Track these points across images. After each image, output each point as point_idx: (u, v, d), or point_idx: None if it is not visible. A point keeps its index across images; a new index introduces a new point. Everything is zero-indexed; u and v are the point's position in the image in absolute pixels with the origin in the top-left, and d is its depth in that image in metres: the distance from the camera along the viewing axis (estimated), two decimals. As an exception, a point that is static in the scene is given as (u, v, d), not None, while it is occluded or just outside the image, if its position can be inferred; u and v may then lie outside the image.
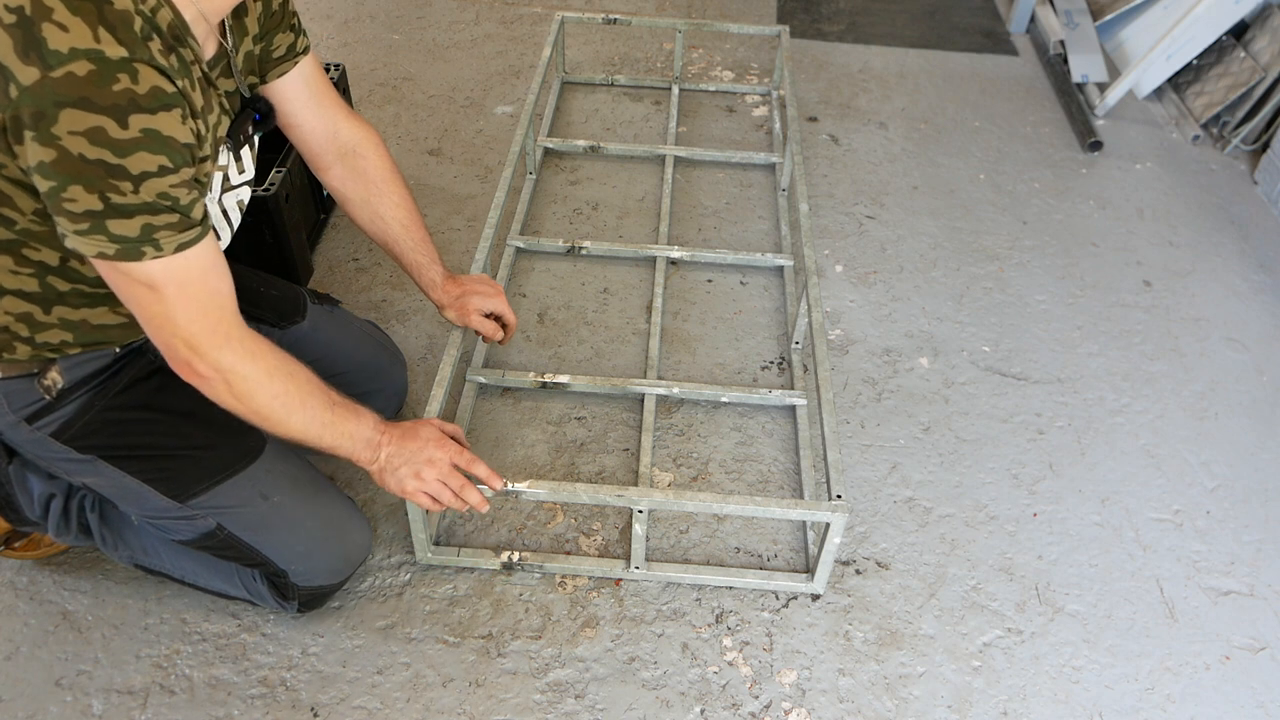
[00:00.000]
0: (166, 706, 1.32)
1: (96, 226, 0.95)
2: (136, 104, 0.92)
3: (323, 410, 1.19)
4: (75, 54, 0.88)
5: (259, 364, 1.12)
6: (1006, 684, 1.42)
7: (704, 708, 1.36)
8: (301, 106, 1.36)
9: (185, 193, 0.99)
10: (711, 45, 2.98)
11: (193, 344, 1.06)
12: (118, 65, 0.90)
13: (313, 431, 1.18)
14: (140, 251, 0.98)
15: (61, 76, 0.88)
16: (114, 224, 0.95)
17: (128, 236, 0.96)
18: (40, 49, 0.88)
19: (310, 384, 1.18)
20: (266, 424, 1.16)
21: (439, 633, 1.42)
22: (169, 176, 0.96)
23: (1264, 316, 2.12)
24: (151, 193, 0.95)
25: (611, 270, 2.10)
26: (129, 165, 0.93)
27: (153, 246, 0.98)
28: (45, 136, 0.89)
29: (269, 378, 1.12)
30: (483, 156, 2.42)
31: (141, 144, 0.93)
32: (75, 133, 0.89)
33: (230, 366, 1.09)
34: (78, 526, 1.37)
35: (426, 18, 3.03)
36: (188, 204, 1.00)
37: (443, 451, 1.30)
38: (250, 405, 1.13)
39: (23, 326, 1.12)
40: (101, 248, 0.96)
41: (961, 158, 2.55)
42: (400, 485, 1.28)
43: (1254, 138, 2.60)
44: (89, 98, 0.89)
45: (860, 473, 1.71)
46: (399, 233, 1.49)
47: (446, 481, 1.30)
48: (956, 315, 2.06)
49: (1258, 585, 1.58)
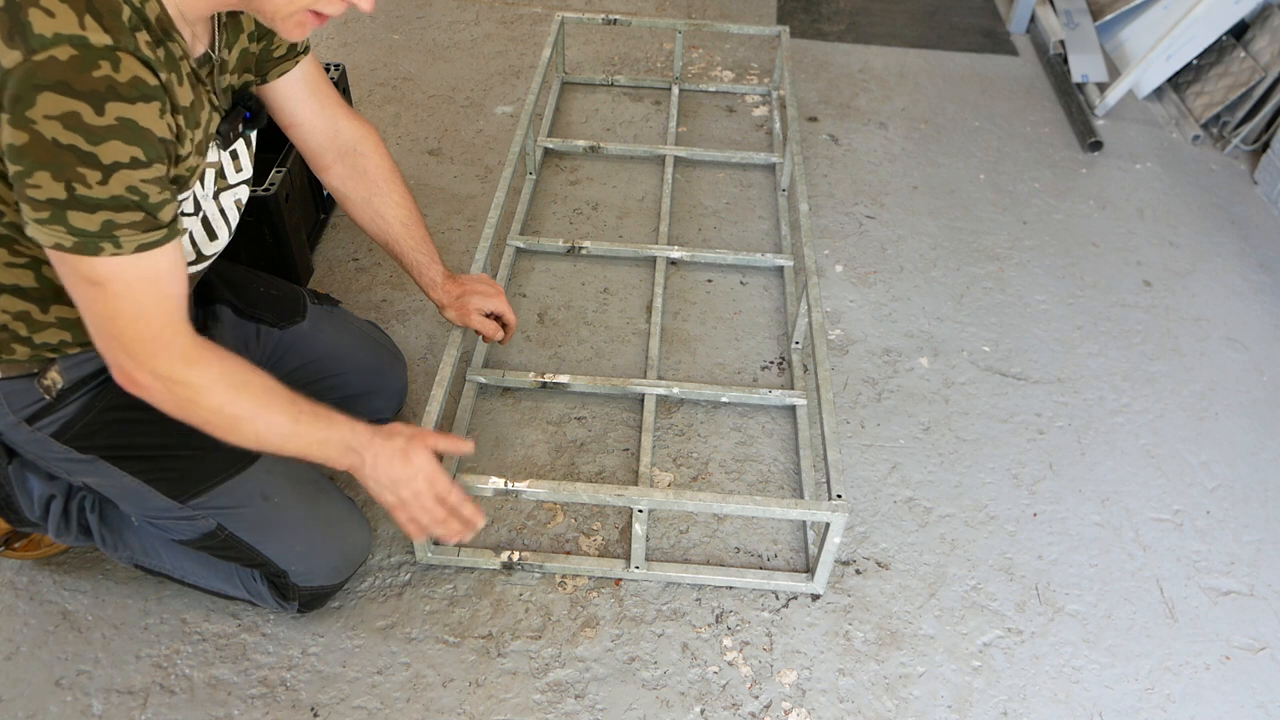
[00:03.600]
0: (166, 706, 1.32)
1: (56, 216, 0.93)
2: (115, 91, 0.90)
3: (282, 418, 1.12)
4: (59, 39, 0.88)
5: (201, 372, 1.07)
6: (1006, 684, 1.42)
7: (704, 708, 1.36)
8: (302, 105, 1.36)
9: (156, 191, 0.97)
10: (711, 45, 2.98)
11: (130, 349, 1.03)
12: (100, 52, 0.89)
13: (271, 440, 1.13)
14: (98, 247, 0.95)
15: (43, 60, 0.87)
16: (75, 216, 0.93)
17: (87, 230, 0.94)
18: (25, 33, 0.87)
19: (268, 392, 1.12)
20: (216, 432, 1.11)
21: (439, 633, 1.42)
22: (140, 170, 0.95)
23: (1264, 316, 2.12)
24: (120, 185, 0.93)
25: (611, 270, 2.10)
26: (100, 154, 0.91)
27: (112, 243, 0.96)
28: (19, 119, 0.88)
29: (212, 385, 1.08)
30: (483, 156, 2.42)
31: (116, 132, 0.91)
32: (50, 117, 0.88)
33: (168, 374, 1.05)
34: (78, 527, 1.37)
35: (426, 18, 3.03)
36: (156, 203, 0.98)
37: (430, 487, 1.23)
38: (192, 413, 1.08)
39: (21, 325, 1.11)
40: (59, 239, 0.94)
41: (961, 158, 2.56)
42: (382, 501, 1.23)
43: (1254, 138, 2.60)
44: (68, 82, 0.88)
45: (860, 473, 1.71)
46: (399, 232, 1.49)
47: (427, 516, 1.24)
48: (956, 315, 2.06)
49: (1258, 585, 1.58)
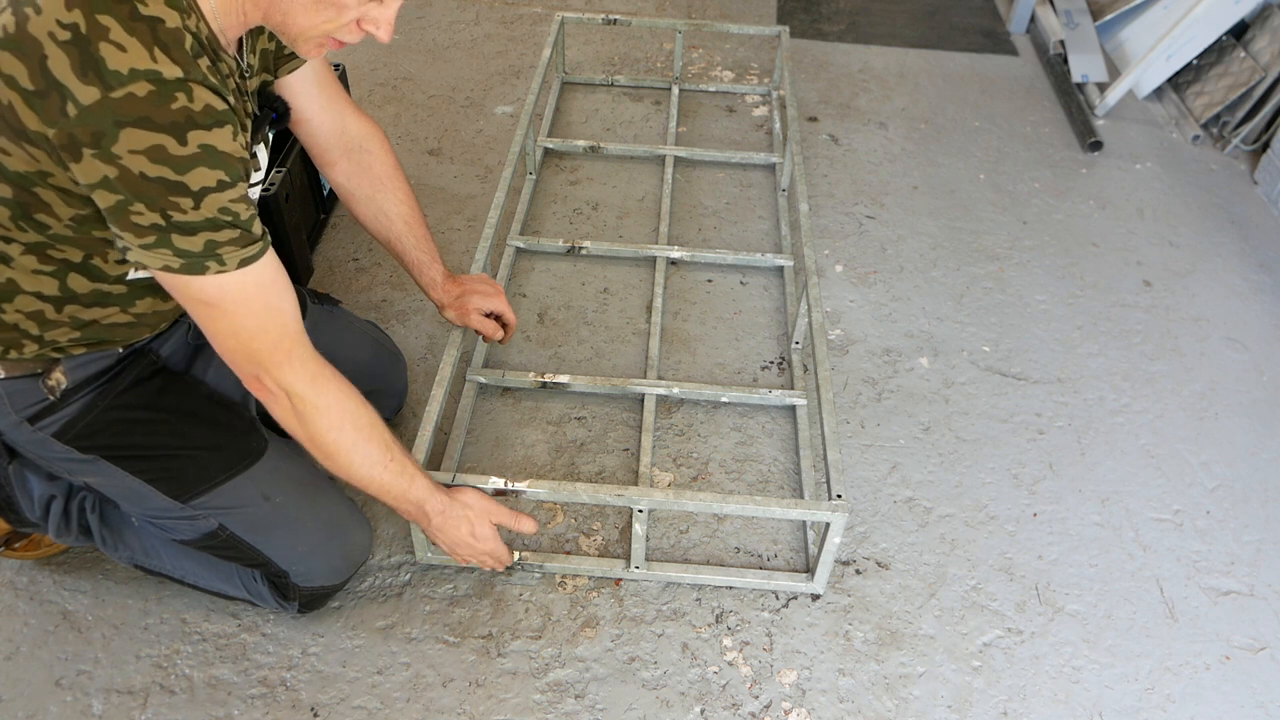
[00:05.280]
0: (166, 706, 1.32)
1: (162, 240, 0.96)
2: (194, 121, 0.93)
3: (376, 461, 1.19)
4: (135, 75, 0.90)
5: (322, 388, 1.12)
6: (1006, 684, 1.42)
7: (704, 708, 1.36)
8: (311, 102, 1.37)
9: (244, 208, 1.01)
10: (711, 45, 2.98)
11: (256, 359, 1.07)
12: (175, 85, 0.92)
13: (357, 477, 1.20)
14: (204, 266, 0.99)
15: (122, 97, 0.89)
16: (179, 239, 0.97)
17: (191, 251, 0.98)
18: (99, 68, 0.89)
19: (373, 426, 1.18)
20: (322, 455, 1.17)
21: (439, 633, 1.43)
22: (228, 191, 0.98)
23: (1264, 316, 2.12)
24: (213, 208, 0.97)
25: (611, 270, 2.10)
26: (189, 181, 0.94)
27: (216, 261, 0.99)
28: (106, 155, 0.91)
29: (329, 409, 1.13)
30: (483, 156, 2.42)
31: (200, 160, 0.94)
32: (136, 151, 0.91)
33: (291, 385, 1.10)
34: (78, 527, 1.37)
35: (426, 18, 3.03)
36: (248, 219, 1.01)
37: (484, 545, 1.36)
38: (310, 430, 1.13)
39: (33, 324, 1.12)
40: (166, 261, 0.98)
41: (961, 158, 2.56)
42: (439, 545, 1.36)
43: (1254, 138, 2.60)
44: (149, 117, 0.91)
45: (860, 473, 1.71)
46: (402, 230, 1.50)
47: (478, 560, 1.39)
48: (956, 315, 2.06)
49: (1258, 585, 1.58)
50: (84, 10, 0.89)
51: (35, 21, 0.90)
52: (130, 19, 0.91)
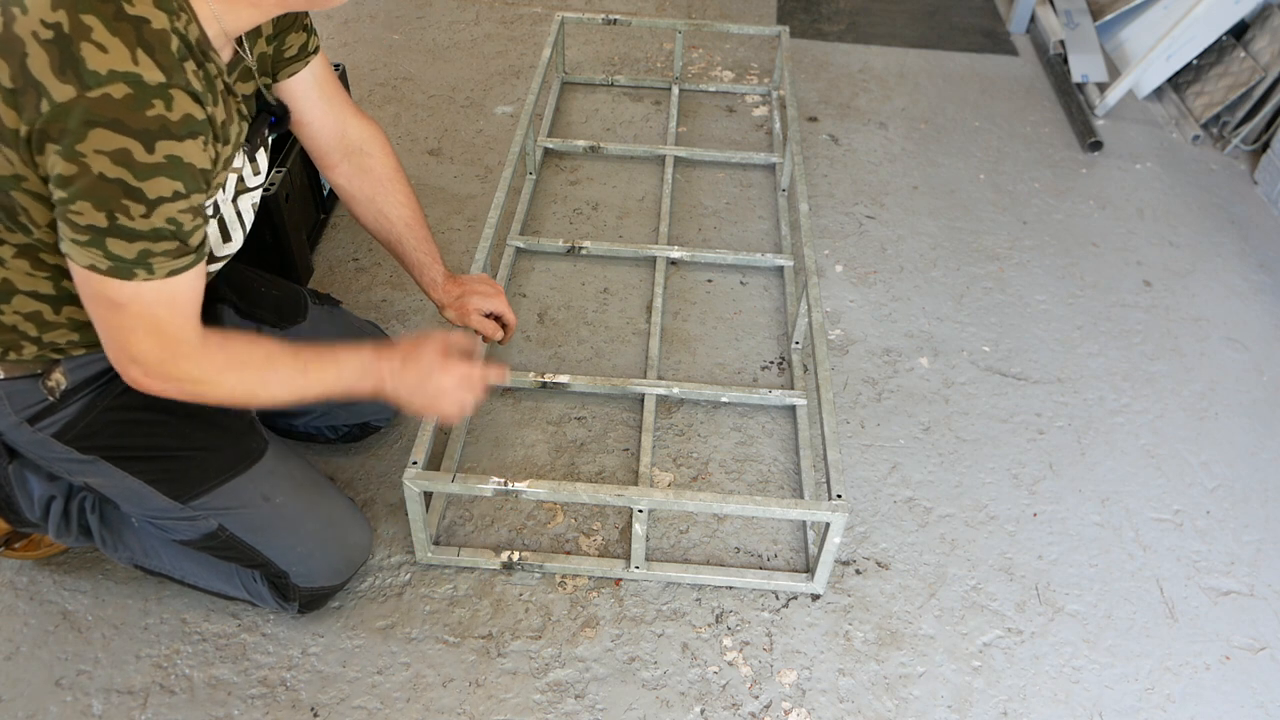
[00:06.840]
0: (166, 706, 1.32)
1: (96, 241, 0.95)
2: (167, 130, 0.92)
3: (291, 376, 1.16)
4: (114, 76, 0.88)
5: (206, 365, 1.09)
6: (1006, 684, 1.42)
7: (704, 708, 1.36)
8: (312, 105, 1.37)
9: (190, 219, 0.99)
10: (711, 45, 2.98)
11: (141, 361, 1.05)
12: (155, 90, 0.90)
13: (291, 397, 1.17)
14: (132, 273, 0.97)
15: (98, 97, 0.88)
16: (114, 243, 0.95)
17: (124, 257, 0.96)
18: (78, 68, 0.88)
19: (270, 358, 1.14)
20: (243, 404, 1.16)
21: (439, 633, 1.43)
22: (180, 202, 0.96)
23: (1264, 316, 2.12)
24: (161, 218, 0.95)
25: (611, 270, 2.11)
26: (146, 189, 0.93)
27: (145, 270, 0.98)
28: (69, 152, 0.89)
29: (219, 374, 1.11)
30: (483, 156, 2.42)
31: (163, 169, 0.93)
32: (101, 151, 0.89)
33: (178, 375, 1.07)
34: (78, 528, 1.37)
35: (426, 18, 3.03)
36: (190, 230, 1.00)
37: (447, 377, 1.27)
38: (211, 400, 1.12)
39: (31, 326, 1.12)
40: (95, 261, 0.96)
41: (961, 158, 2.56)
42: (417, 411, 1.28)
43: (1254, 138, 2.60)
44: (122, 120, 0.89)
45: (860, 473, 1.71)
46: (403, 231, 1.50)
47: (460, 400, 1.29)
48: (956, 315, 2.06)
49: (1258, 585, 1.58)
50: (69, 9, 0.88)
51: (21, 21, 0.89)
52: (115, 19, 0.89)
